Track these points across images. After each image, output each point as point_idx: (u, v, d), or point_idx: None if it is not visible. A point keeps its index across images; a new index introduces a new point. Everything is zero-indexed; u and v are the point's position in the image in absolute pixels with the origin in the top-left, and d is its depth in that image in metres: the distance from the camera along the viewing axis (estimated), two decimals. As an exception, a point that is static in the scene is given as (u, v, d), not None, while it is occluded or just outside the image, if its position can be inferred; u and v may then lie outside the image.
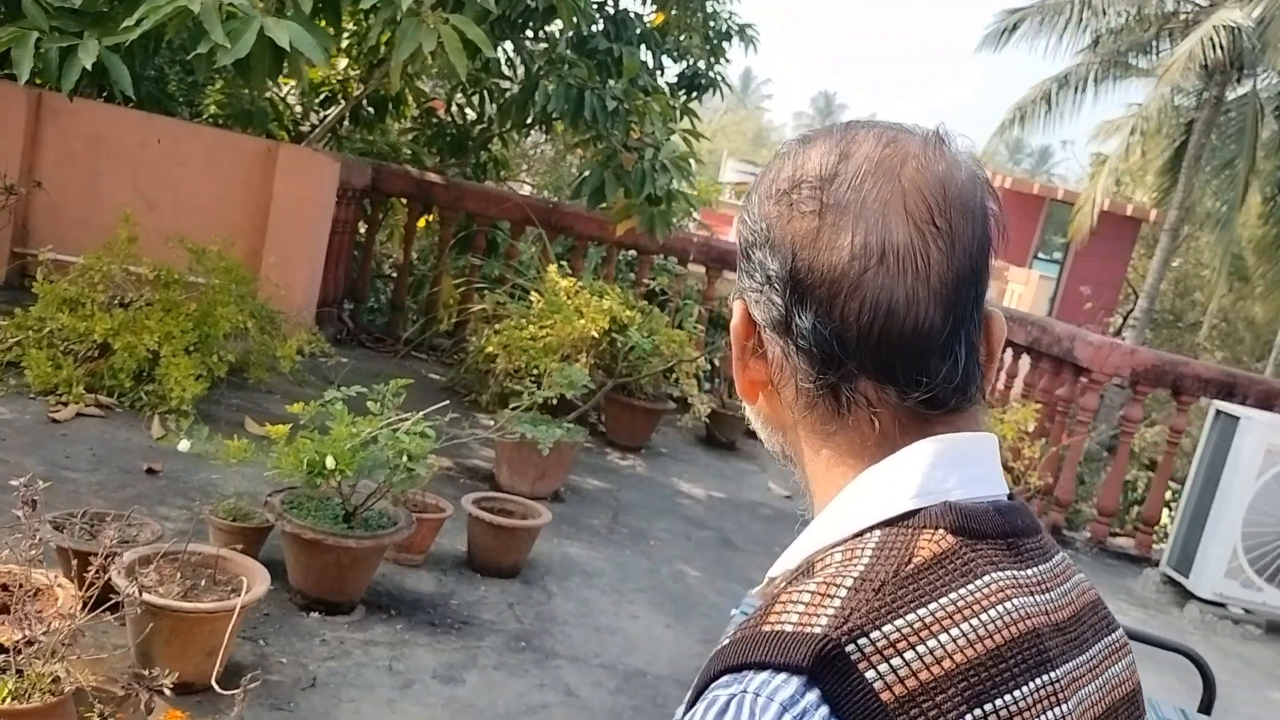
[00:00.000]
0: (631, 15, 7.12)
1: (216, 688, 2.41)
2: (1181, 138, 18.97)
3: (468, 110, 7.97)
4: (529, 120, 6.79)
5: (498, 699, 2.97)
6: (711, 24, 7.82)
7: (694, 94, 8.21)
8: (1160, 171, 19.91)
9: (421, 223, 7.61)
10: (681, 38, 7.80)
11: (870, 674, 0.66)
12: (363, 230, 7.35)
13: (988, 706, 0.68)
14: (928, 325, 0.78)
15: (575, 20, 5.69)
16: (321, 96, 7.56)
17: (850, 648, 0.67)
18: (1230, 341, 24.28)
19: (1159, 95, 18.84)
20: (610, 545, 4.31)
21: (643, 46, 7.16)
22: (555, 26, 6.62)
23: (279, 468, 3.10)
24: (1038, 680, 0.72)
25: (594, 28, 6.76)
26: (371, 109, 7.59)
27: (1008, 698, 0.69)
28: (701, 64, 8.02)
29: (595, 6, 6.84)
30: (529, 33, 6.72)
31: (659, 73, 7.59)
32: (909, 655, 0.67)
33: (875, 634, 0.68)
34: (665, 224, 6.37)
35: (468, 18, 4.07)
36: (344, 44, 6.77)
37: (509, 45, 6.66)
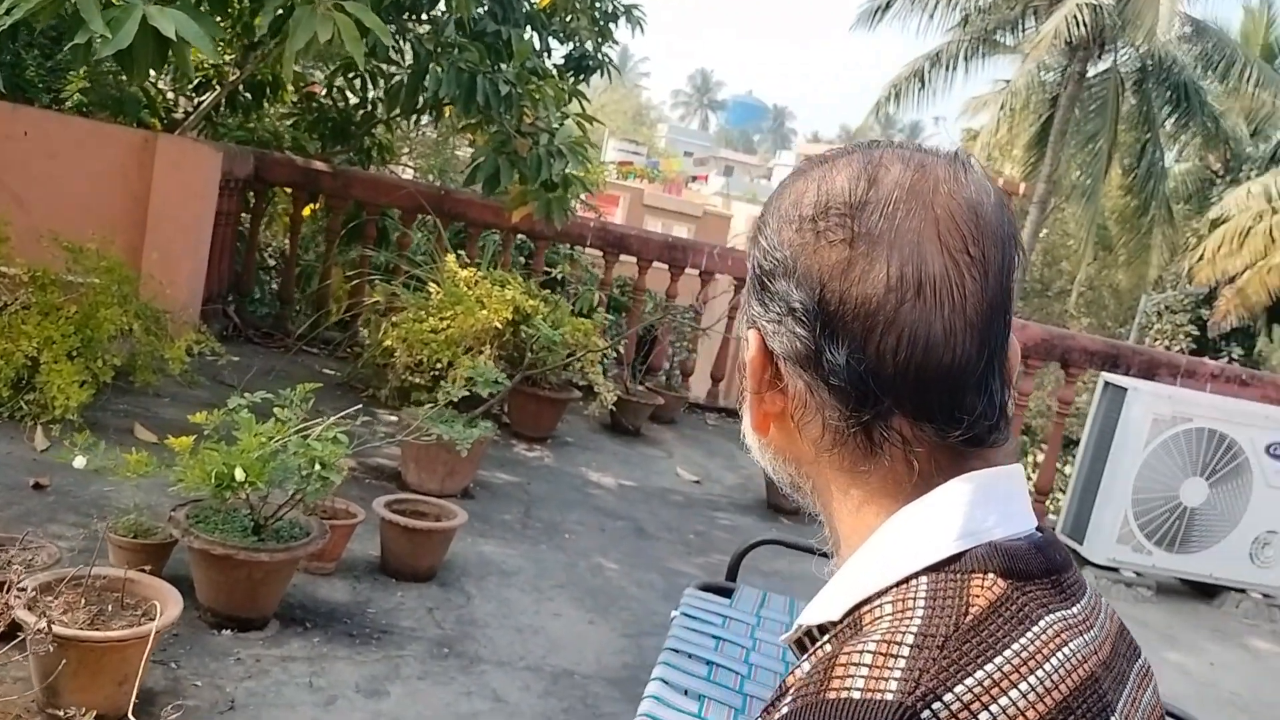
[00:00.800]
0: (518, -4, 6.99)
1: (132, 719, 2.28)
2: (1047, 113, 19.64)
3: (349, 94, 7.73)
4: (419, 106, 6.61)
5: (425, 710, 2.89)
6: (598, 5, 7.73)
7: (581, 76, 8.13)
8: (1028, 145, 20.60)
9: (307, 211, 7.37)
10: (568, 19, 7.70)
11: (948, 742, 0.63)
12: (246, 222, 7.08)
13: (1064, 762, 0.66)
14: (965, 359, 0.75)
15: (464, 2, 5.56)
16: (195, 82, 7.23)
17: (926, 714, 0.64)
18: (1095, 308, 25.37)
19: (1025, 71, 19.49)
20: (525, 541, 4.25)
21: (529, 28, 7.04)
22: (440, 9, 6.46)
23: (183, 481, 2.95)
24: (1102, 725, 0.70)
25: (479, 9, 6.61)
26: (248, 94, 7.31)
27: (1081, 752, 0.67)
28: (589, 45, 7.93)
29: (482, -13, 6.69)
30: (414, 16, 6.54)
31: (546, 55, 7.48)
32: (983, 717, 0.64)
33: (949, 696, 0.64)
34: (562, 210, 6.30)
35: (364, 4, 3.91)
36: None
37: (393, 29, 6.48)
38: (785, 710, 0.68)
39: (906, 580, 0.73)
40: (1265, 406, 5.62)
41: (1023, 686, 0.66)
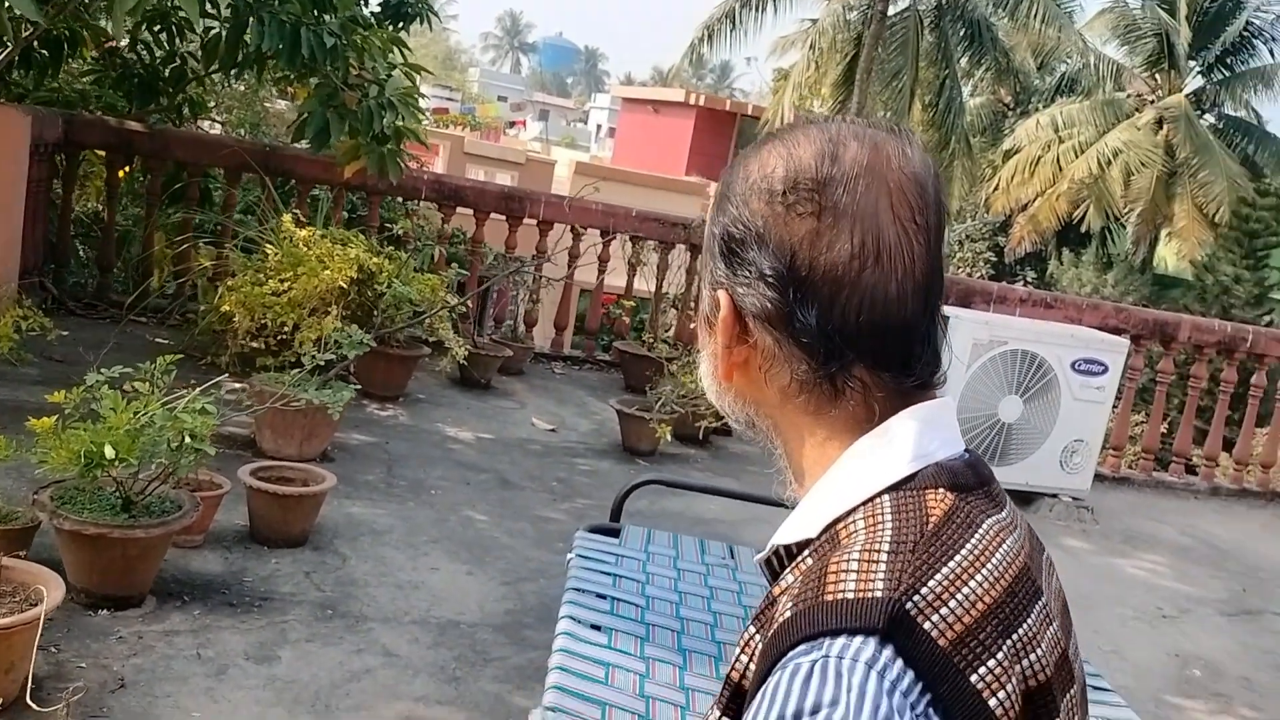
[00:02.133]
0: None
1: (33, 705, 2.25)
2: (853, 51, 20.29)
3: (155, 48, 7.35)
4: (239, 61, 6.37)
5: (319, 671, 2.92)
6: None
7: (400, 24, 7.97)
8: (836, 84, 21.25)
9: (122, 174, 7.02)
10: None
11: (927, 625, 0.77)
12: (58, 188, 6.69)
13: (1013, 636, 0.81)
14: (914, 315, 0.88)
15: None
16: (-18, 40, 6.74)
17: (909, 605, 0.77)
18: (903, 240, 26.53)
19: (830, 11, 20.10)
20: (392, 500, 4.28)
21: (348, -25, 6.85)
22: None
23: (47, 463, 2.86)
24: (1036, 606, 0.86)
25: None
26: (45, 51, 6.86)
27: (1024, 627, 0.82)
28: (408, -11, 7.77)
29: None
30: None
31: (364, 2, 7.30)
32: (952, 604, 0.78)
33: (924, 589, 0.78)
34: (396, 163, 6.23)
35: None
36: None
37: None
38: (789, 614, 0.81)
39: (872, 499, 0.87)
40: (1068, 326, 6.12)
41: (979, 577, 0.81)
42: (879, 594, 0.78)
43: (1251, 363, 7.04)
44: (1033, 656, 0.81)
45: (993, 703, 0.77)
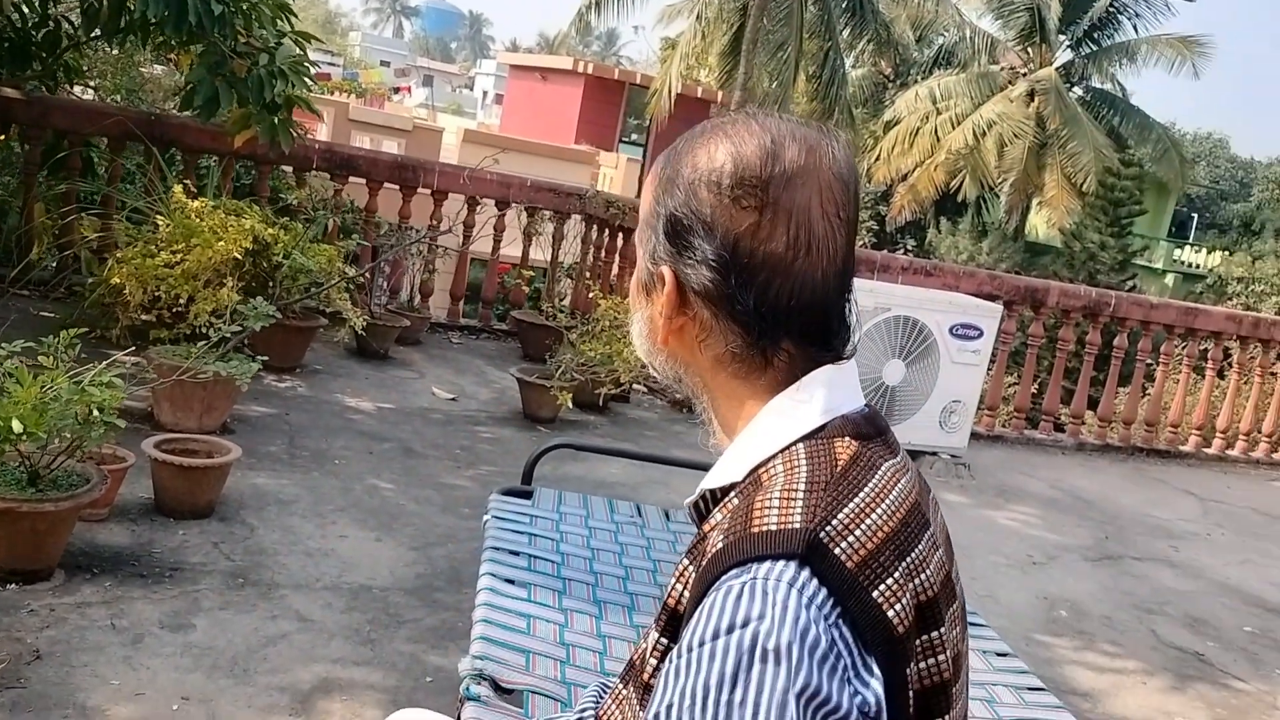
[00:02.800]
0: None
1: (-46, 680, 2.27)
2: (738, 22, 20.50)
3: (25, 10, 7.09)
4: (123, 27, 6.20)
5: (235, 637, 2.98)
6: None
7: (283, -11, 7.82)
8: (722, 54, 21.46)
9: (-4, 143, 6.77)
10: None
11: (838, 550, 0.91)
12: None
13: (907, 559, 0.96)
14: (834, 297, 1.04)
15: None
16: None
17: (823, 535, 0.92)
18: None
19: (717, -19, 20.26)
20: (296, 470, 4.31)
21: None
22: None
23: (-50, 439, 2.84)
24: (925, 535, 1.01)
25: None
26: (-98, 12, 6.57)
27: (915, 552, 0.98)
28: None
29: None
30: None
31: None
32: (857, 533, 0.93)
33: (835, 521, 0.93)
34: (287, 132, 6.17)
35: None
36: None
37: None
38: (721, 545, 0.95)
39: (789, 447, 1.01)
40: (947, 293, 6.43)
41: (879, 510, 0.96)
42: (798, 525, 0.92)
43: (1114, 326, 7.48)
44: (923, 576, 0.97)
45: (890, 614, 0.92)
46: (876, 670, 0.90)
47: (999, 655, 2.45)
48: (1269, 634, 4.44)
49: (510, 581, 2.23)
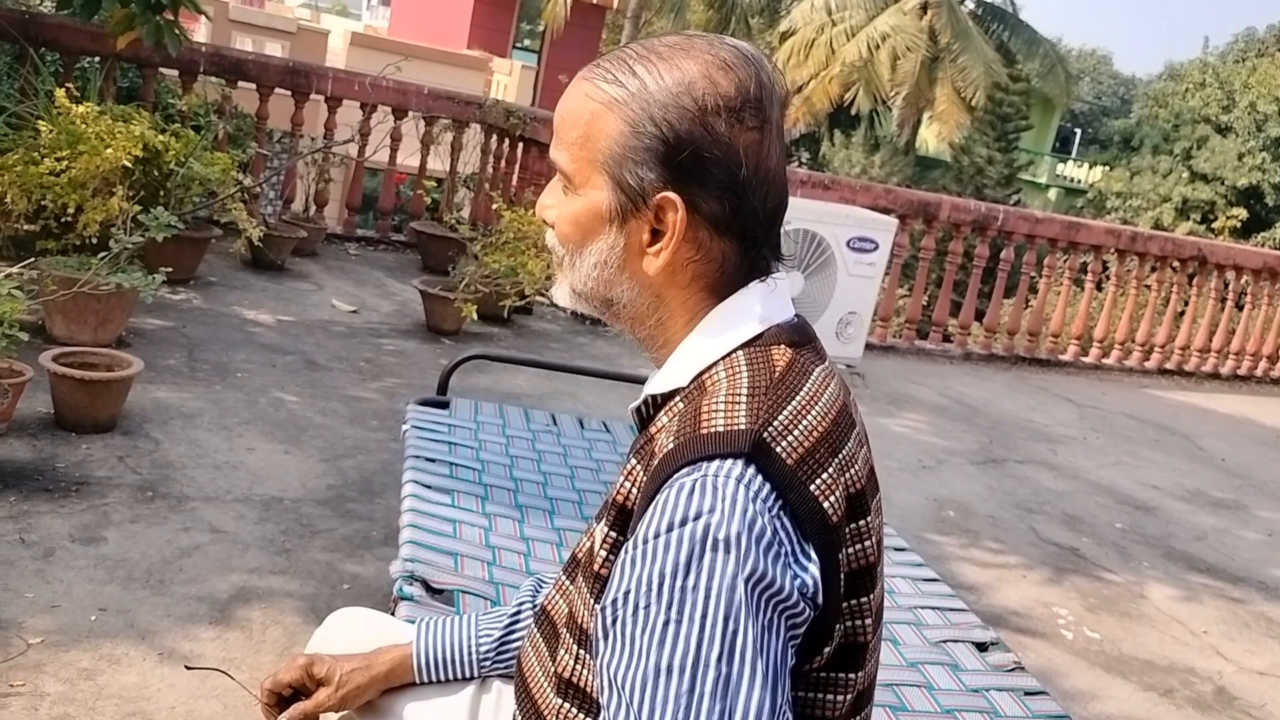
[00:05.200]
0: None
1: None
2: (634, -73, 20.16)
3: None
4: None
5: (149, 549, 2.98)
6: None
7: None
8: (619, -40, 21.11)
9: None
10: None
11: (779, 449, 0.99)
12: None
13: (839, 456, 1.05)
14: (786, 204, 1.11)
15: None
16: None
17: (765, 434, 0.99)
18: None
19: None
20: (198, 384, 4.25)
21: None
22: None
23: None
24: (853, 434, 1.10)
25: None
26: None
27: (845, 448, 1.06)
28: None
29: None
30: None
31: None
32: (796, 432, 1.01)
33: (776, 421, 1.01)
34: (174, 34, 5.92)
35: None
36: None
37: None
38: (671, 446, 1.01)
39: (730, 354, 1.08)
40: (844, 207, 6.56)
41: (815, 411, 1.04)
42: (743, 426, 0.99)
43: (1001, 239, 7.75)
44: (852, 470, 1.06)
45: (825, 505, 1.00)
46: (814, 556, 0.99)
47: (897, 550, 2.61)
48: (1138, 530, 4.76)
49: (433, 489, 2.28)
